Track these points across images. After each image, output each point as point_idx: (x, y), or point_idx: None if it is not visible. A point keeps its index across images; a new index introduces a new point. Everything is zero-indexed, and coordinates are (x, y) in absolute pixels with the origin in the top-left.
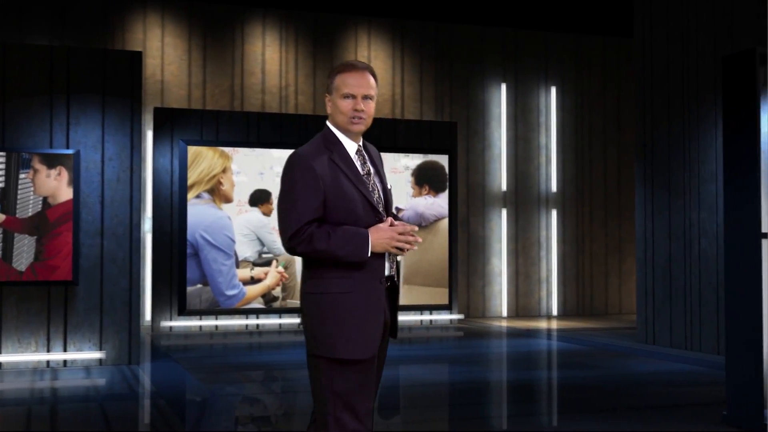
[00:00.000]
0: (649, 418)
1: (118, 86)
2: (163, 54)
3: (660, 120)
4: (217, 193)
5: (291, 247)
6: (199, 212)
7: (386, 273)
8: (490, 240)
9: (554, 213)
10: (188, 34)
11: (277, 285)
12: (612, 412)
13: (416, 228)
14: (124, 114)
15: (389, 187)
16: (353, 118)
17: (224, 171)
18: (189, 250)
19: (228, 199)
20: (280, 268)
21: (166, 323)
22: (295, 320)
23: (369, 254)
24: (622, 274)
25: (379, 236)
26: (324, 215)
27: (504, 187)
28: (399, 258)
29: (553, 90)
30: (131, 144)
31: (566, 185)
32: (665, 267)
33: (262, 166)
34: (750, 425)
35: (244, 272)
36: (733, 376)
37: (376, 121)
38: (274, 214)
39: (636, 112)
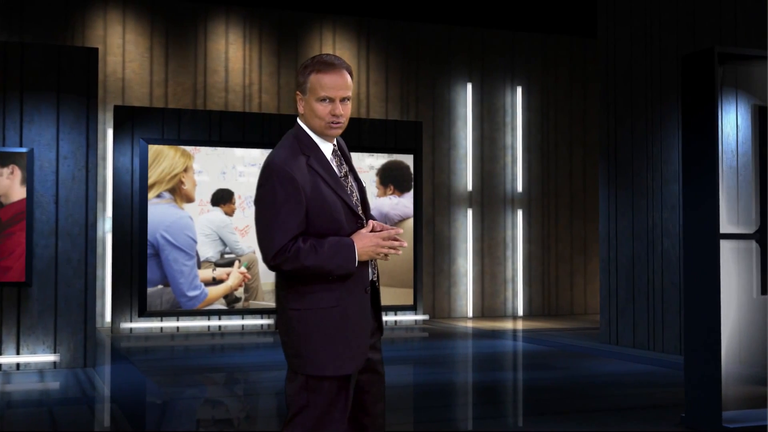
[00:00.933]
0: (607, 421)
1: (74, 83)
2: (124, 51)
3: (623, 120)
4: (179, 192)
5: (276, 265)
6: (160, 212)
7: (370, 278)
8: (456, 240)
9: (520, 213)
10: (150, 31)
11: (240, 286)
12: (571, 415)
13: (401, 231)
14: (79, 111)
15: (363, 184)
16: (331, 123)
17: (186, 170)
18: (150, 251)
19: (189, 199)
20: (243, 269)
21: (126, 325)
22: (258, 321)
23: (357, 264)
24: (587, 274)
25: (364, 244)
26: (306, 226)
27: (470, 187)
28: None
29: (519, 90)
30: (87, 142)
31: (532, 185)
32: (628, 267)
33: (225, 166)
34: (708, 427)
35: (206, 273)
36: (691, 377)
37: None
38: (237, 213)
39: (600, 112)
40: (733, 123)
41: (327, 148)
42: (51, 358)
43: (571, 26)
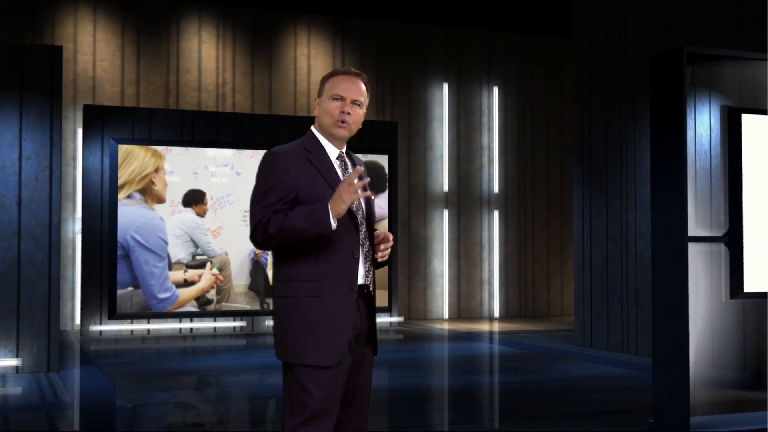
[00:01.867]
0: (575, 427)
1: (38, 82)
2: (95, 50)
3: (598, 120)
4: (149, 193)
5: (254, 239)
6: (130, 213)
7: (360, 281)
8: (432, 241)
9: (496, 214)
10: (121, 29)
11: (212, 287)
12: (538, 420)
13: (361, 169)
14: (43, 111)
15: (373, 198)
16: (339, 121)
17: (156, 170)
18: (119, 252)
19: (160, 200)
20: (215, 270)
21: (95, 327)
22: (231, 323)
23: (333, 223)
24: (564, 276)
25: (333, 199)
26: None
27: (446, 188)
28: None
29: (496, 90)
30: (51, 142)
31: (508, 186)
32: (602, 269)
33: (196, 166)
34: None
35: (177, 274)
36: (659, 383)
37: (312, 121)
38: (209, 215)
39: (574, 113)
40: (706, 124)
41: (333, 151)
42: (13, 362)
43: (547, 26)
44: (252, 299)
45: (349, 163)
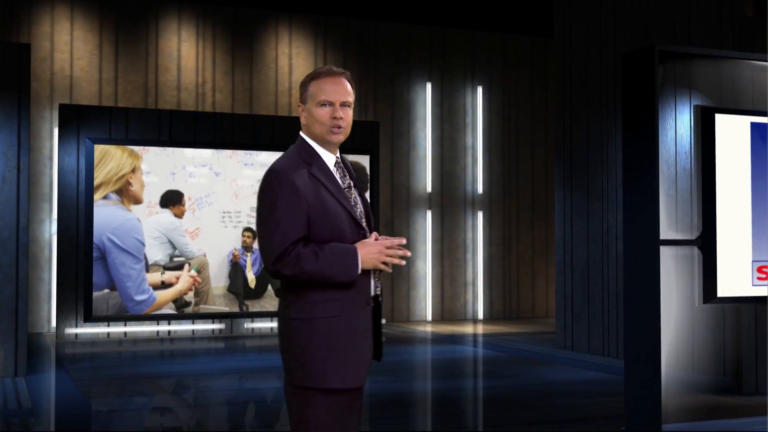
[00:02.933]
0: None
1: (5, 80)
2: (72, 48)
3: (579, 121)
4: (126, 193)
5: (276, 270)
6: (106, 214)
7: (372, 293)
8: (415, 242)
9: (480, 215)
10: (99, 27)
11: (190, 290)
12: (510, 427)
13: (404, 240)
14: (10, 110)
15: (367, 199)
16: (332, 127)
17: (133, 171)
18: (95, 254)
19: (137, 200)
20: (193, 272)
21: (71, 330)
22: (209, 326)
23: (360, 272)
24: (548, 277)
25: (367, 251)
26: (308, 233)
27: (429, 189)
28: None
29: (480, 90)
30: (18, 141)
31: (493, 186)
32: (583, 271)
33: (174, 166)
34: None
35: (155, 276)
36: (631, 389)
37: (293, 120)
38: (187, 215)
39: (555, 113)
40: (687, 124)
41: (330, 158)
42: None
43: (532, 26)
44: (231, 301)
45: (345, 169)
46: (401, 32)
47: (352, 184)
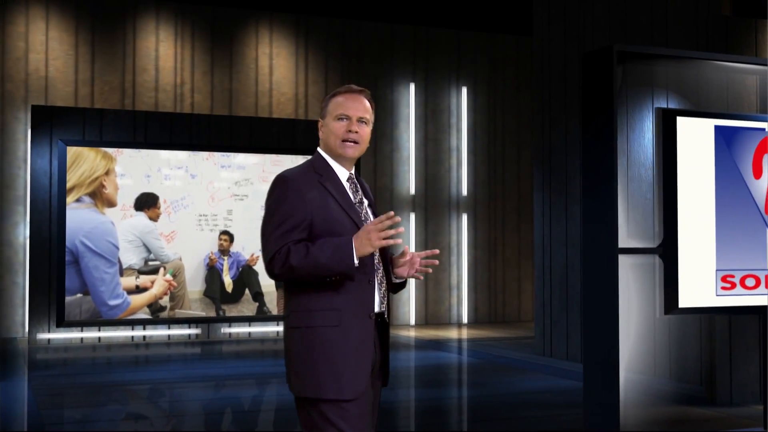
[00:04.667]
0: None
1: None
2: (48, 48)
3: (557, 122)
4: (100, 196)
5: (270, 270)
6: (79, 217)
7: (376, 309)
8: (398, 245)
9: (465, 217)
10: (75, 27)
11: (165, 294)
12: None
13: (392, 213)
14: None
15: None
16: (346, 141)
17: (107, 173)
18: (68, 257)
19: (111, 203)
20: (168, 276)
21: (43, 335)
22: (185, 331)
23: (356, 261)
24: (535, 281)
25: (359, 236)
26: (310, 239)
27: (413, 191)
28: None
29: (465, 90)
30: None
31: (478, 188)
32: (562, 276)
33: (149, 168)
34: None
35: (129, 281)
36: (589, 402)
37: (274, 122)
38: (162, 219)
39: (533, 114)
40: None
41: (343, 173)
42: None
43: (517, 25)
44: (207, 306)
45: (359, 186)
46: (384, 32)
47: (366, 203)
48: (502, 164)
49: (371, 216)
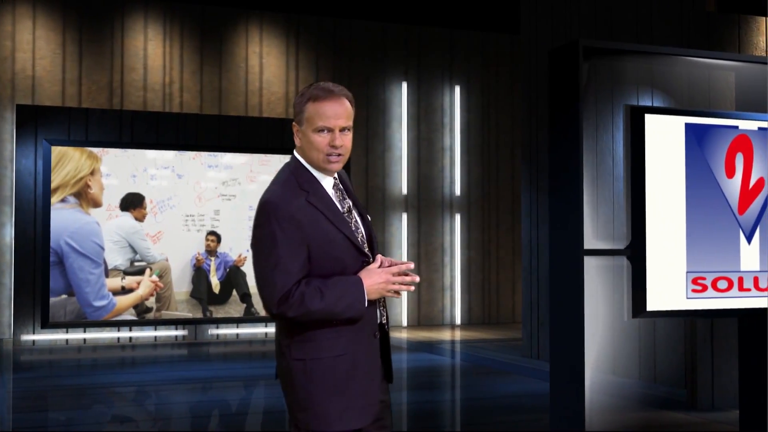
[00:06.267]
0: None
1: None
2: (35, 47)
3: (545, 121)
4: (85, 196)
5: (281, 313)
6: (64, 217)
7: (378, 321)
8: (391, 246)
9: (458, 217)
10: (62, 26)
11: (151, 295)
12: None
13: (411, 265)
14: None
15: (369, 218)
16: (330, 156)
17: (92, 173)
18: (53, 258)
19: (96, 203)
20: (154, 277)
21: (28, 337)
22: (172, 332)
23: (366, 305)
24: None
25: (373, 281)
26: (309, 268)
27: (405, 191)
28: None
29: (458, 89)
30: None
31: (471, 188)
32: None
33: (135, 168)
34: None
35: (115, 281)
36: (555, 408)
37: (263, 121)
38: (148, 219)
39: (521, 113)
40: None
41: (327, 182)
42: None
43: (511, 23)
44: (194, 307)
45: (343, 189)
46: (376, 30)
47: (351, 205)
48: (496, 164)
49: (360, 223)
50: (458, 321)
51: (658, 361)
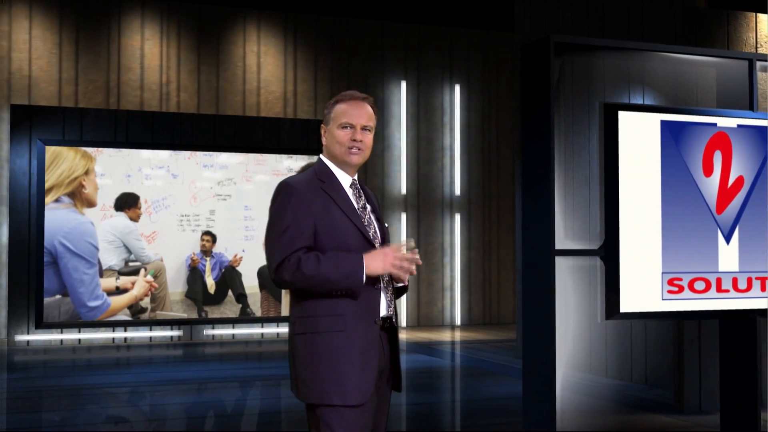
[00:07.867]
0: None
1: None
2: (31, 47)
3: None
4: (79, 196)
5: (278, 277)
6: (58, 217)
7: (383, 313)
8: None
9: (458, 217)
10: (59, 25)
11: (146, 295)
12: None
13: (412, 242)
14: None
15: (386, 225)
16: (351, 148)
17: (87, 173)
18: (47, 258)
19: (91, 203)
20: (149, 277)
21: (22, 337)
22: (167, 333)
23: (364, 278)
24: None
25: (374, 258)
26: (314, 244)
27: (404, 191)
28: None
29: (458, 88)
30: None
31: (471, 188)
32: None
33: (129, 168)
34: None
35: (109, 282)
36: (528, 413)
37: (259, 120)
38: (143, 219)
39: (516, 111)
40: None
41: (345, 179)
42: None
43: (511, 22)
44: (189, 307)
45: (361, 191)
46: (374, 29)
47: (369, 208)
48: (497, 163)
49: (374, 222)
50: (458, 321)
51: (648, 364)
